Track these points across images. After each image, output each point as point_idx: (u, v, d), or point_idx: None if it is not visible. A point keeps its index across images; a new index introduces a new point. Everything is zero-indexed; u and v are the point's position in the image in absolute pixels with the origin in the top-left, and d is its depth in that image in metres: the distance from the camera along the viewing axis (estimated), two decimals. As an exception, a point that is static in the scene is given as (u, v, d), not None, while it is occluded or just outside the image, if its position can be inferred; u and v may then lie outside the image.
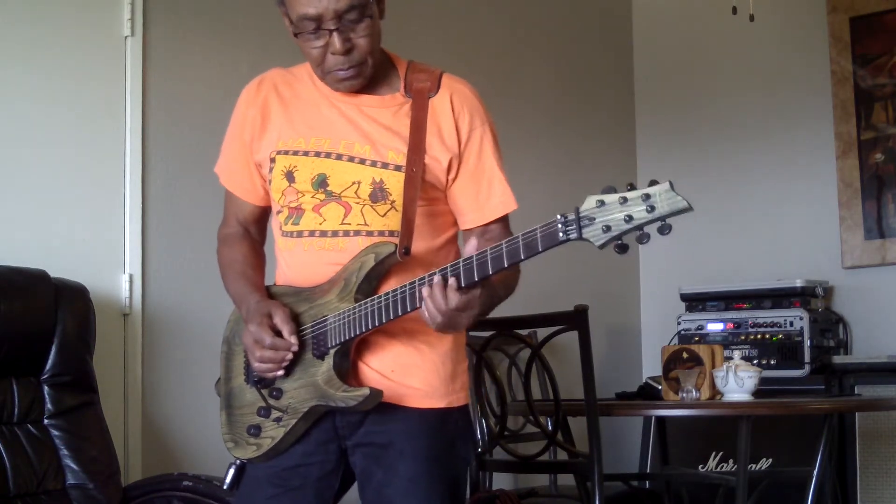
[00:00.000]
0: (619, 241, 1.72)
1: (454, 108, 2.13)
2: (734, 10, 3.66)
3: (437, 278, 1.86)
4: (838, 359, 4.38)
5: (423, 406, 2.05)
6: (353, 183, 2.04)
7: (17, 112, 3.03)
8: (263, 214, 2.22)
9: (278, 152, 2.10)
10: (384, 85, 2.12)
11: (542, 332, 3.15)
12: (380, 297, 1.95)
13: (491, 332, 3.26)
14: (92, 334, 2.87)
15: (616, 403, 3.72)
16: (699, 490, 4.00)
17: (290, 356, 2.00)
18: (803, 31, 4.84)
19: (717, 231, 5.01)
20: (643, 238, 1.71)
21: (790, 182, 4.84)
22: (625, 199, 1.71)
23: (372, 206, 2.04)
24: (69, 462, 2.75)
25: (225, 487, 2.15)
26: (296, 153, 2.08)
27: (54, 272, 2.83)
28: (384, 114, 2.09)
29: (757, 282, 4.56)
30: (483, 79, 4.50)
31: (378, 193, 2.04)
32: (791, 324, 4.36)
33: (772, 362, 4.34)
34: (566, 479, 4.04)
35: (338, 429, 2.05)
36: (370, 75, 2.07)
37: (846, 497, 4.11)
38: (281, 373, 2.02)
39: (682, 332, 4.58)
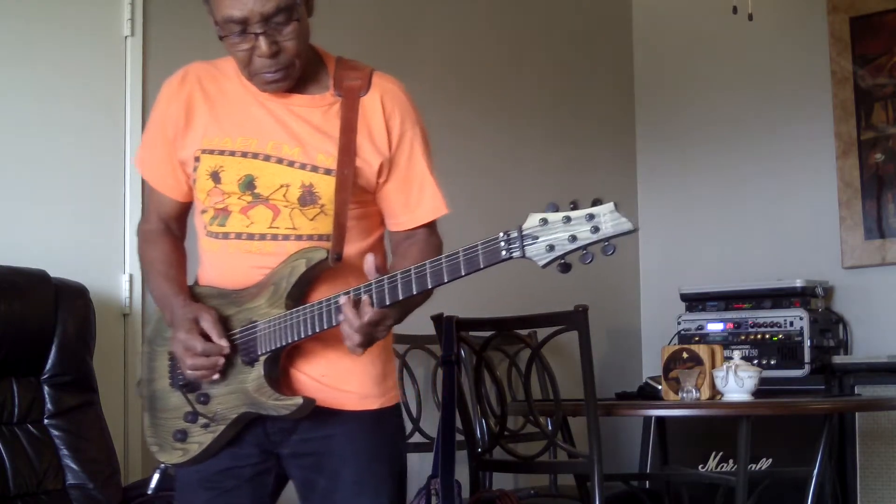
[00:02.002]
0: (563, 261, 1.72)
1: (385, 110, 2.06)
2: (734, 10, 3.66)
3: (364, 298, 1.85)
4: (838, 359, 4.38)
5: (358, 409, 2.03)
6: (282, 186, 1.99)
7: (17, 112, 3.04)
8: (185, 210, 2.16)
9: (203, 151, 2.04)
10: (313, 83, 2.07)
11: (542, 332, 3.15)
12: (312, 305, 1.92)
13: (491, 332, 3.26)
14: (92, 334, 2.87)
15: (616, 403, 3.72)
16: (699, 490, 4.00)
17: (222, 360, 1.96)
18: (803, 31, 4.84)
19: (717, 231, 5.01)
20: (586, 258, 1.71)
21: (790, 182, 4.83)
22: (568, 219, 1.71)
23: (301, 210, 2.00)
24: (69, 462, 2.76)
25: (149, 493, 2.13)
26: (222, 153, 2.02)
27: (54, 272, 2.83)
28: (314, 114, 2.04)
29: (757, 282, 4.56)
30: (483, 79, 4.53)
31: (307, 197, 1.99)
32: (791, 324, 4.35)
33: (772, 362, 4.34)
34: (566, 479, 4.04)
35: (269, 434, 2.02)
36: (298, 76, 2.02)
37: (846, 497, 4.11)
38: (217, 377, 1.98)
39: (682, 332, 4.58)
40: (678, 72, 5.22)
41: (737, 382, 3.24)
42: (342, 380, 2.02)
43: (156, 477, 2.12)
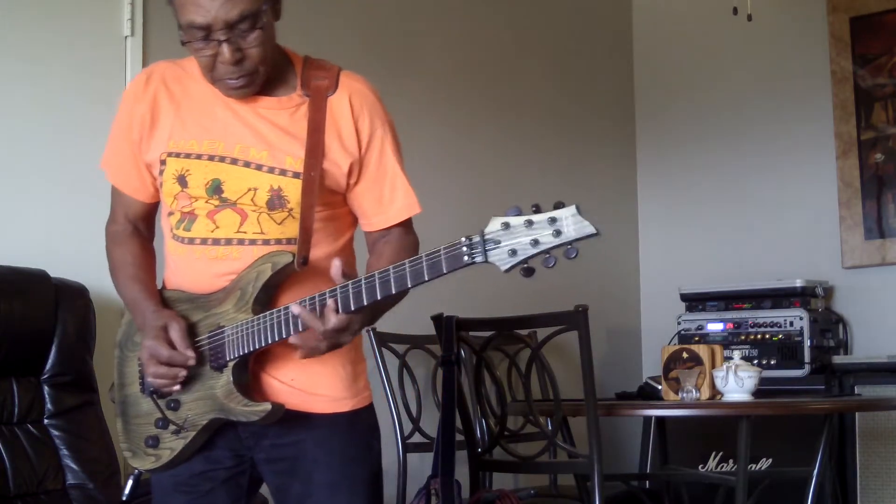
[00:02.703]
0: (526, 265, 1.68)
1: (353, 110, 2.03)
2: (735, 11, 3.66)
3: (329, 303, 1.83)
4: (838, 359, 4.38)
5: (330, 411, 2.02)
6: (250, 189, 1.97)
7: (17, 112, 3.04)
8: (153, 211, 2.14)
9: (169, 154, 2.01)
10: (280, 84, 2.03)
11: (542, 332, 3.15)
12: (279, 310, 1.90)
13: (491, 332, 3.25)
14: (92, 334, 2.87)
15: (616, 403, 3.72)
16: (699, 490, 4.00)
17: (184, 372, 1.95)
18: (803, 31, 4.84)
19: (717, 231, 5.01)
20: (549, 261, 1.68)
21: (790, 182, 4.83)
22: (530, 223, 1.67)
23: (269, 214, 1.97)
24: (69, 462, 2.76)
25: (123, 499, 2.13)
26: (188, 156, 1.99)
27: (54, 272, 2.83)
28: (281, 115, 2.01)
29: (757, 282, 4.55)
30: (483, 78, 4.52)
31: (276, 201, 1.97)
32: (791, 324, 4.35)
33: (772, 362, 4.34)
34: (566, 479, 4.04)
35: (242, 438, 2.02)
36: (263, 81, 1.98)
37: (846, 497, 4.11)
38: (177, 388, 1.97)
39: (682, 332, 4.58)
40: (678, 72, 5.22)
41: (737, 382, 3.24)
42: (313, 383, 2.00)
43: (129, 483, 2.12)
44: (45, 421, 2.77)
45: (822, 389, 4.17)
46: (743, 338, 4.45)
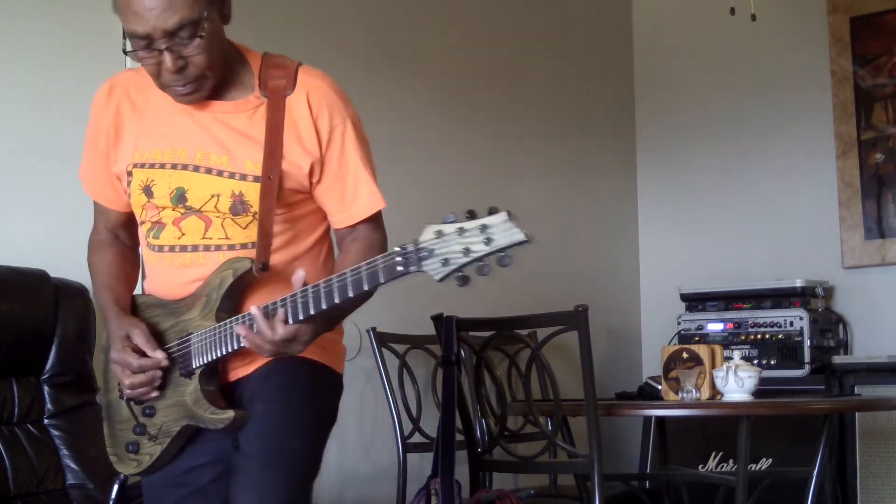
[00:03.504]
0: (460, 274, 1.65)
1: (311, 107, 2.00)
2: (732, 12, 3.66)
3: (258, 314, 1.83)
4: (838, 359, 4.38)
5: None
6: (213, 196, 1.97)
7: (17, 112, 3.03)
8: (131, 218, 2.14)
9: (135, 165, 2.02)
10: (237, 86, 2.02)
11: (542, 332, 3.15)
12: (243, 316, 1.90)
13: (491, 332, 3.25)
14: (92, 334, 2.87)
15: (616, 403, 3.72)
16: (699, 490, 4.00)
17: (160, 373, 1.96)
18: (803, 31, 4.84)
19: (717, 231, 5.01)
20: (484, 269, 1.64)
21: (790, 182, 4.83)
22: (462, 230, 1.63)
23: (233, 219, 1.97)
24: (69, 462, 2.76)
25: None
26: (152, 166, 2.00)
27: (54, 272, 2.83)
28: (239, 119, 1.99)
29: (757, 282, 4.55)
30: (483, 79, 4.52)
31: (238, 206, 1.97)
32: (791, 324, 4.35)
33: (772, 362, 4.34)
34: (566, 479, 4.04)
35: (216, 439, 2.02)
36: (213, 86, 1.97)
37: (846, 497, 4.11)
38: (156, 394, 1.98)
39: (682, 332, 4.58)
40: (678, 72, 5.22)
41: (737, 382, 3.24)
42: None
43: (115, 489, 2.15)
44: (45, 421, 2.77)
45: (822, 389, 4.17)
46: (743, 338, 4.44)
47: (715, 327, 4.52)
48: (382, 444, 3.86)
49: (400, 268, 1.70)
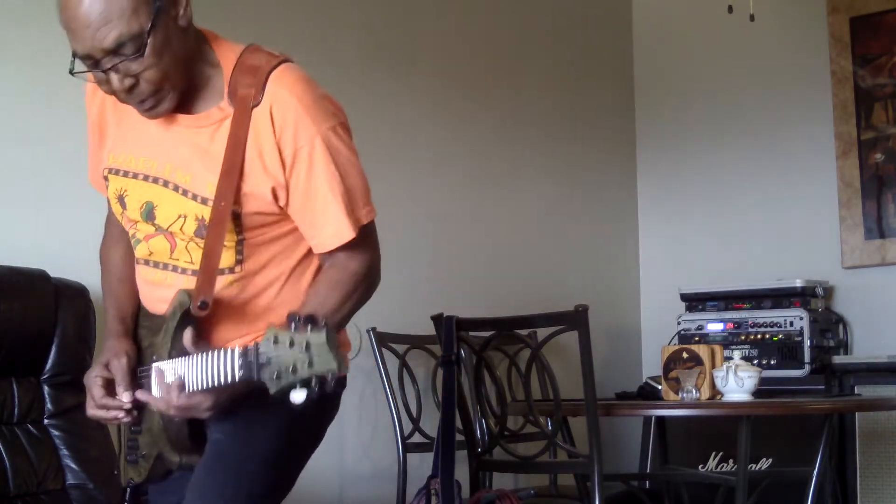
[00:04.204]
0: (298, 387, 1.52)
1: (275, 124, 1.78)
2: (730, 9, 3.66)
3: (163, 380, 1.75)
4: (838, 359, 4.38)
5: None
6: (180, 217, 1.83)
7: (17, 112, 3.03)
8: None
9: (110, 171, 1.90)
10: (205, 95, 1.83)
11: (542, 332, 3.15)
12: (146, 369, 1.82)
13: (491, 332, 3.25)
14: (92, 334, 2.87)
15: (616, 403, 3.72)
16: (699, 490, 4.00)
17: (121, 414, 1.87)
18: (803, 31, 4.84)
19: (718, 231, 5.01)
20: (312, 391, 1.52)
21: (790, 182, 4.83)
22: (292, 343, 1.51)
23: (197, 243, 1.83)
24: (69, 462, 2.75)
25: None
26: (126, 174, 1.88)
27: (54, 272, 2.83)
28: (202, 136, 1.81)
29: (757, 282, 4.55)
30: (482, 79, 4.52)
31: (202, 230, 1.81)
32: (791, 324, 4.35)
33: (772, 362, 4.34)
34: (566, 479, 4.04)
35: None
36: (178, 97, 1.79)
37: (846, 497, 4.11)
38: (129, 419, 1.89)
39: (682, 332, 4.58)
40: (678, 72, 5.22)
41: (737, 382, 3.24)
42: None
43: (128, 492, 2.15)
44: (45, 421, 2.77)
45: (822, 389, 4.17)
46: (743, 338, 4.44)
47: (715, 327, 4.52)
48: (382, 444, 3.86)
49: (241, 372, 1.60)
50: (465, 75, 4.45)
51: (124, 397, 1.86)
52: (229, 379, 1.64)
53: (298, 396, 1.53)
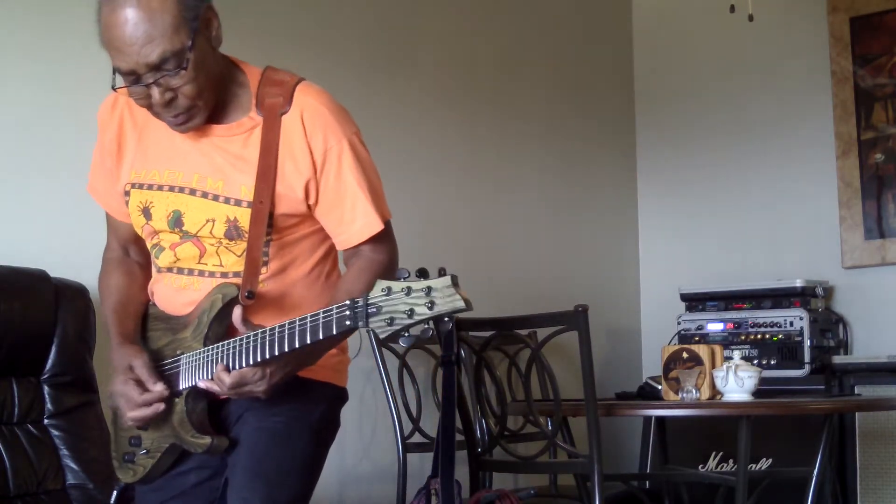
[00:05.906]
0: (405, 333, 1.67)
1: (306, 128, 1.96)
2: (732, 9, 3.66)
3: (219, 367, 1.85)
4: (838, 359, 4.38)
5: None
6: (208, 221, 1.96)
7: (17, 112, 3.03)
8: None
9: (133, 185, 2.02)
10: (234, 108, 1.99)
11: (542, 332, 3.15)
12: (229, 343, 1.90)
13: (491, 332, 3.25)
14: (92, 334, 2.87)
15: (616, 403, 3.72)
16: (699, 490, 4.00)
17: (162, 405, 1.96)
18: (803, 31, 4.84)
19: (717, 231, 5.01)
20: (426, 332, 1.67)
21: (790, 182, 4.83)
22: (409, 290, 1.64)
23: (227, 246, 1.97)
24: (69, 462, 2.75)
25: None
26: (150, 187, 2.00)
27: (54, 272, 2.83)
28: (234, 143, 1.97)
29: (757, 282, 4.55)
30: (483, 79, 4.52)
31: (233, 232, 1.96)
32: (791, 324, 4.35)
33: (772, 362, 4.34)
34: (566, 479, 4.04)
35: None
36: (208, 113, 1.94)
37: (846, 497, 4.11)
38: (162, 409, 1.98)
39: (682, 332, 4.58)
40: (678, 72, 5.22)
41: (737, 382, 3.24)
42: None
43: (114, 494, 2.18)
44: (45, 421, 2.77)
45: (822, 389, 4.17)
46: (743, 338, 4.45)
47: (715, 327, 4.53)
48: (382, 444, 3.86)
49: (348, 322, 1.72)
50: (465, 75, 4.46)
51: (158, 388, 1.95)
52: (314, 336, 1.75)
53: (407, 340, 1.68)
